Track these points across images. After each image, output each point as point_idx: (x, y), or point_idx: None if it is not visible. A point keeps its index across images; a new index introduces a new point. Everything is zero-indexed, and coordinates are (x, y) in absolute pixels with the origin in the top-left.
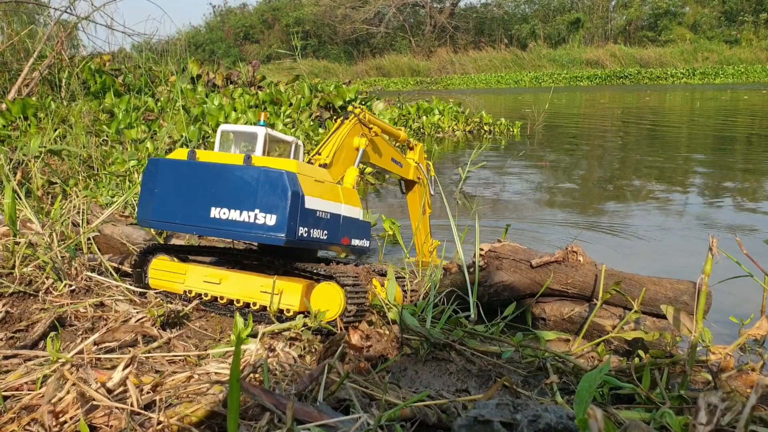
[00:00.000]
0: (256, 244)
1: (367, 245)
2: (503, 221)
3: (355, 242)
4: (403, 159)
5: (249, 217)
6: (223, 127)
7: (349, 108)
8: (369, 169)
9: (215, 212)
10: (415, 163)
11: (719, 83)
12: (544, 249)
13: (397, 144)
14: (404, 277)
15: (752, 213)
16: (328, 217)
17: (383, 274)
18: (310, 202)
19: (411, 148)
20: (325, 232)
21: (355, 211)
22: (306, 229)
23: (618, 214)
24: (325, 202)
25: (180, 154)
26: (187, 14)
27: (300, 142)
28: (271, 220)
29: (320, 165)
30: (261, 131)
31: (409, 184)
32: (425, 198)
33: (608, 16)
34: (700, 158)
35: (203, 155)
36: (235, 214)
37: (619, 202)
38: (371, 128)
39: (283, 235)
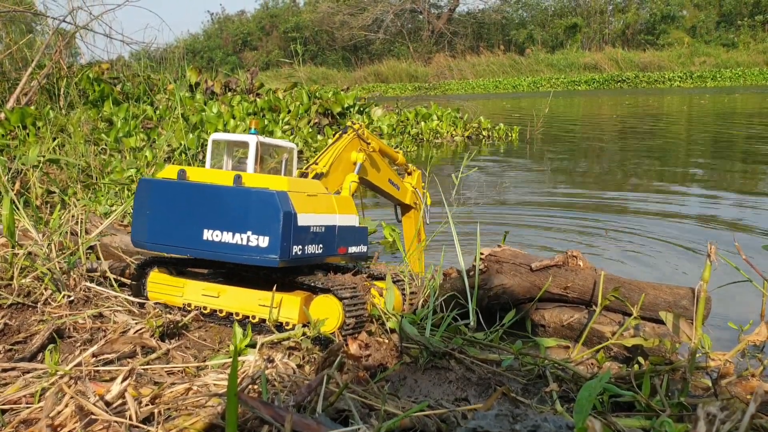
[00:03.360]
0: None
1: (365, 251)
2: (503, 226)
3: (353, 249)
4: (400, 182)
5: (241, 239)
6: (214, 136)
7: (347, 123)
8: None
9: (208, 234)
10: (413, 188)
11: (711, 87)
12: (544, 253)
13: (395, 167)
14: (403, 280)
15: (751, 216)
16: (323, 230)
17: (382, 278)
18: (304, 219)
19: (409, 173)
20: (321, 246)
21: (350, 219)
22: (300, 246)
23: (617, 219)
24: (319, 216)
25: (170, 171)
26: (185, 22)
27: (293, 146)
28: (263, 242)
29: (316, 174)
30: (252, 140)
31: (405, 209)
32: (420, 225)
33: (606, 20)
34: (698, 162)
35: (193, 173)
36: (227, 237)
37: (618, 207)
38: (369, 143)
39: (276, 256)
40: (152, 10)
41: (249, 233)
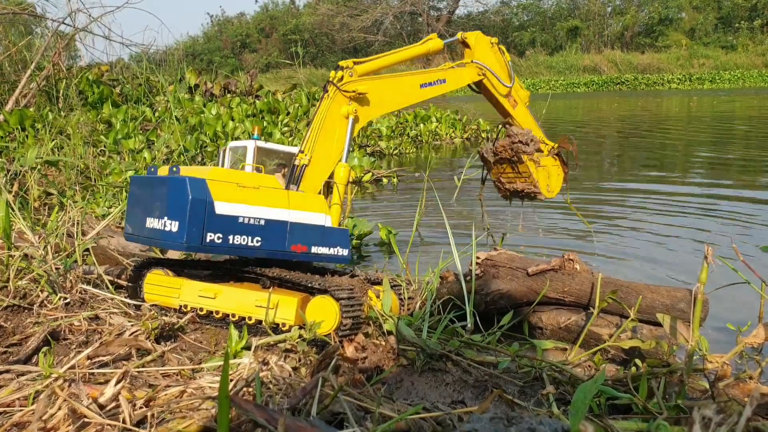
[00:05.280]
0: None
1: (345, 254)
2: (500, 228)
3: (319, 250)
4: (442, 73)
5: (162, 225)
6: (229, 144)
7: (331, 74)
8: (367, 177)
9: (149, 222)
10: (473, 62)
11: (707, 89)
12: (542, 257)
13: (430, 54)
14: (401, 285)
15: (749, 217)
16: (261, 223)
17: (380, 283)
18: (225, 208)
19: (468, 45)
20: (259, 238)
21: (312, 217)
22: (220, 235)
23: (616, 221)
24: (253, 207)
25: (162, 171)
26: (184, 24)
27: (286, 149)
28: (174, 226)
29: (302, 166)
30: (251, 144)
31: (478, 85)
32: (514, 87)
33: (605, 22)
34: (696, 165)
35: (162, 171)
36: (155, 223)
37: (616, 207)
38: (355, 90)
39: (183, 241)
40: (151, 12)
41: (165, 219)
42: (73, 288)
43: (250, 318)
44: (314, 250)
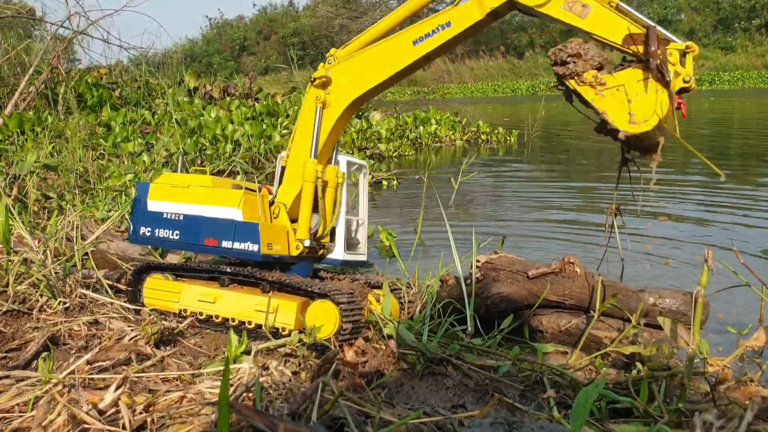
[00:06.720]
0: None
1: (255, 250)
2: (500, 231)
3: (230, 245)
4: (442, 16)
5: None
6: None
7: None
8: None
9: None
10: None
11: (706, 90)
12: (542, 259)
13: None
14: (401, 289)
15: (748, 224)
16: (181, 218)
17: (380, 287)
18: (155, 206)
19: None
20: (177, 232)
21: (223, 212)
22: (149, 229)
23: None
24: (176, 204)
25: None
26: (183, 27)
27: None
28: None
29: (282, 168)
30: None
31: (481, 22)
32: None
33: None
34: (696, 165)
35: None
36: None
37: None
38: (320, 77)
39: (129, 234)
40: (150, 15)
41: None
42: (73, 292)
43: (249, 322)
44: (224, 244)
